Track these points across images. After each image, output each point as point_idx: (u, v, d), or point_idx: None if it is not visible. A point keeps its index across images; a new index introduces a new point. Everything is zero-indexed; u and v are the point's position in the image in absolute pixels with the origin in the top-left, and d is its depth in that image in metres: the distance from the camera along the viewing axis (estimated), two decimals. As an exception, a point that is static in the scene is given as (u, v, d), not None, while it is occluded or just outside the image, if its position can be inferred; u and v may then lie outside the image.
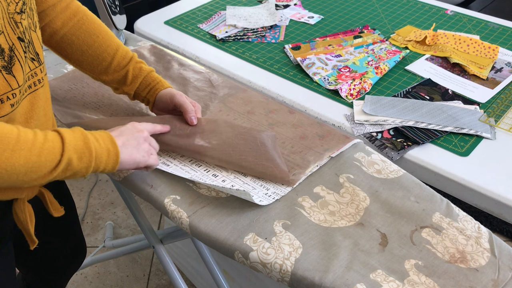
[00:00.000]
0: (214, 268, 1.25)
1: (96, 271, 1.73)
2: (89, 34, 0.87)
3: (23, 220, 0.77)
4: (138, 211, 1.04)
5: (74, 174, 0.67)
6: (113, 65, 0.89)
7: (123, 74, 0.90)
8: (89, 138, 0.67)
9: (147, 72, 0.91)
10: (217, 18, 1.47)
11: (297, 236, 0.70)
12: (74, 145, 0.65)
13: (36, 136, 0.62)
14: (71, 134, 0.66)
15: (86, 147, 0.66)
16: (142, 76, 0.90)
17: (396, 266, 0.66)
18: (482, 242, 0.69)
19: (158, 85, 0.91)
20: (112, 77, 0.90)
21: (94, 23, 0.88)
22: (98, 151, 0.68)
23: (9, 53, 0.63)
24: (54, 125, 0.81)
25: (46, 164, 0.62)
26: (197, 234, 0.72)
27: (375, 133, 1.00)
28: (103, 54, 0.88)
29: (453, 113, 1.04)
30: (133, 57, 0.91)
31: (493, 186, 0.89)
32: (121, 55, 0.89)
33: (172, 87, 0.92)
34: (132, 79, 0.90)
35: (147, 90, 0.91)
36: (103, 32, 0.89)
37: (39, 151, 0.61)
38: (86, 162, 0.66)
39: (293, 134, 0.90)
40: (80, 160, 0.66)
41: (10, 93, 0.64)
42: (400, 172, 0.82)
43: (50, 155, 0.63)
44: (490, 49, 1.26)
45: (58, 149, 0.63)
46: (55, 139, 0.64)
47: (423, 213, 0.74)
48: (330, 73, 1.19)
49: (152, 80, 0.91)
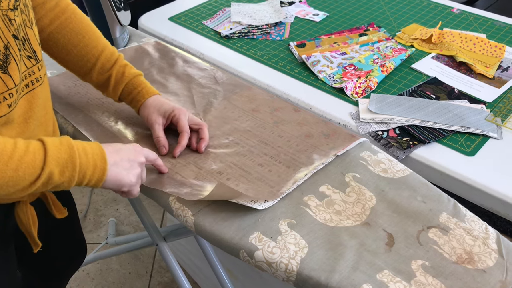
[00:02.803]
0: (217, 266, 1.25)
1: (98, 268, 1.72)
2: (75, 33, 0.84)
3: (26, 223, 0.75)
4: (141, 208, 1.03)
5: (56, 187, 0.64)
6: (97, 67, 0.86)
7: (106, 78, 0.87)
8: (75, 150, 0.64)
9: (130, 78, 0.87)
10: (221, 14, 1.47)
11: (303, 235, 0.69)
12: (57, 158, 0.62)
13: (16, 148, 0.59)
14: (57, 146, 0.63)
15: (70, 160, 0.63)
16: (124, 82, 0.86)
17: (403, 267, 0.65)
18: (490, 243, 0.69)
19: (139, 95, 0.86)
20: (96, 80, 0.87)
21: (81, 23, 0.85)
22: (83, 165, 0.64)
23: (4, 51, 0.61)
24: (54, 123, 0.79)
25: (24, 178, 0.59)
26: (202, 232, 0.72)
27: (381, 131, 0.99)
28: (88, 55, 0.85)
29: (459, 112, 1.03)
30: (117, 60, 0.87)
31: (500, 186, 0.88)
32: (105, 57, 0.86)
33: (158, 93, 0.88)
34: (114, 84, 0.87)
35: (129, 99, 0.88)
36: (90, 32, 0.86)
37: (16, 165, 0.58)
38: (68, 176, 0.63)
39: (298, 133, 0.89)
40: (61, 174, 0.63)
41: (6, 93, 0.62)
42: (407, 172, 0.81)
43: (29, 169, 0.59)
44: (496, 48, 1.25)
45: (39, 162, 0.60)
46: (37, 151, 0.61)
47: (430, 213, 0.73)
48: (335, 71, 1.18)
49: (134, 88, 0.87)
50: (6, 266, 0.82)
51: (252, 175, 0.80)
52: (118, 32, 1.19)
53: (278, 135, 0.89)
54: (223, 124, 0.92)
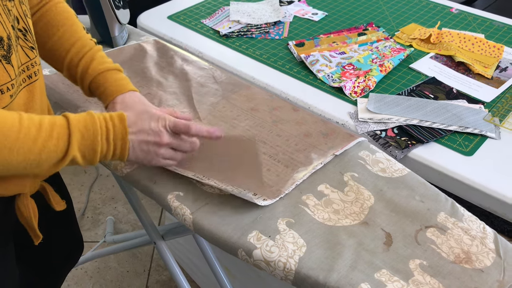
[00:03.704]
0: (215, 265, 1.25)
1: (96, 266, 1.73)
2: (51, 25, 0.80)
3: (27, 215, 0.76)
4: (139, 206, 1.04)
5: (78, 164, 0.66)
6: (66, 61, 0.80)
7: (74, 73, 0.81)
8: (98, 134, 0.65)
9: (95, 74, 0.79)
10: (220, 13, 1.47)
11: (301, 234, 0.69)
12: (80, 145, 0.63)
13: (40, 132, 0.60)
14: (81, 131, 0.63)
15: (92, 147, 0.65)
16: (88, 79, 0.79)
17: (401, 266, 0.65)
18: (487, 242, 0.69)
19: (103, 96, 0.79)
20: (68, 76, 0.83)
21: (59, 15, 0.81)
22: (104, 150, 0.66)
23: (7, 41, 0.61)
24: (49, 108, 0.80)
25: (47, 161, 0.61)
26: (200, 231, 0.72)
27: (379, 131, 0.99)
28: (61, 48, 0.80)
29: (457, 112, 1.03)
30: (86, 54, 0.80)
31: (497, 186, 0.88)
32: (75, 50, 0.79)
33: (134, 90, 0.80)
34: (80, 82, 0.81)
35: (98, 96, 0.81)
36: (67, 24, 0.81)
37: (40, 149, 0.59)
38: (90, 160, 0.66)
39: (297, 132, 0.89)
40: (83, 158, 0.65)
41: (9, 83, 0.62)
42: (405, 171, 0.81)
43: (52, 153, 0.61)
44: (495, 48, 1.26)
45: (62, 147, 0.62)
46: (61, 136, 0.62)
47: (428, 213, 0.74)
48: (334, 70, 1.18)
49: (98, 87, 0.79)
50: (5, 263, 0.82)
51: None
52: (117, 30, 1.19)
53: (277, 134, 0.89)
54: (222, 123, 0.92)
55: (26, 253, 0.94)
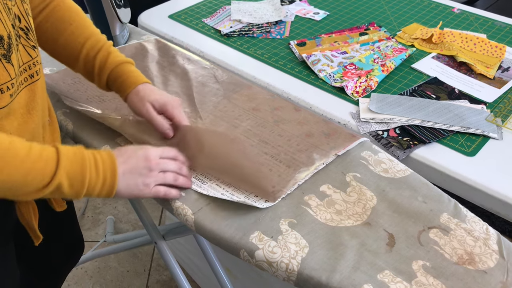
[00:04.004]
0: (216, 265, 1.25)
1: (96, 266, 1.72)
2: (62, 21, 0.82)
3: (27, 216, 0.76)
4: (139, 206, 1.03)
5: (63, 196, 0.64)
6: (83, 55, 0.82)
7: (91, 66, 0.83)
8: (87, 164, 0.64)
9: (114, 65, 0.82)
10: (221, 12, 1.46)
11: (304, 235, 0.69)
12: (68, 171, 0.62)
13: (30, 153, 0.59)
14: (70, 158, 0.63)
15: (80, 174, 0.63)
16: (107, 70, 0.82)
17: (404, 267, 0.65)
18: (491, 243, 0.69)
19: (124, 85, 0.82)
20: (83, 70, 0.85)
21: (69, 11, 0.83)
22: (93, 180, 0.65)
23: (8, 40, 0.61)
24: (50, 107, 0.80)
25: (33, 184, 0.60)
26: (202, 231, 0.72)
27: (381, 131, 0.99)
28: (74, 42, 0.82)
29: (459, 112, 1.03)
30: (102, 47, 0.83)
31: (500, 186, 0.88)
32: (91, 44, 0.82)
33: (148, 81, 0.84)
34: (98, 72, 0.83)
35: (116, 88, 0.84)
36: (77, 19, 0.83)
37: (27, 170, 0.59)
38: (77, 190, 0.64)
39: (299, 132, 0.89)
40: (71, 187, 0.63)
41: (9, 83, 0.62)
42: (408, 172, 0.81)
43: (38, 176, 0.60)
44: (497, 48, 1.25)
45: (49, 171, 0.61)
46: (50, 160, 0.61)
47: (431, 214, 0.73)
48: (335, 70, 1.18)
49: (118, 76, 0.82)
50: (6, 263, 0.82)
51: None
52: (118, 29, 1.18)
53: (279, 134, 0.88)
54: (223, 123, 0.92)
55: (26, 253, 0.94)
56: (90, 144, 0.87)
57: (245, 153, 0.82)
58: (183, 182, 0.75)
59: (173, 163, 0.75)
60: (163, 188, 0.73)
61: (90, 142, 0.87)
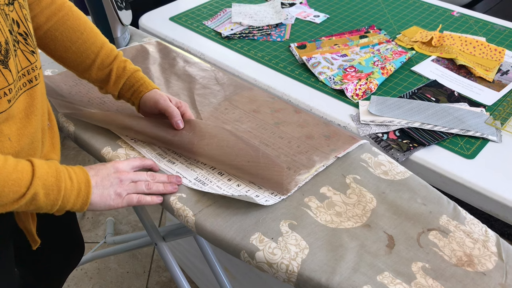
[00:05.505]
0: (216, 266, 1.25)
1: (96, 267, 1.72)
2: (73, 30, 0.84)
3: (25, 220, 0.76)
4: (140, 207, 1.03)
5: (39, 208, 0.65)
6: (97, 63, 0.86)
7: (107, 73, 0.87)
8: (62, 175, 0.66)
9: (131, 72, 0.88)
10: (222, 15, 1.47)
11: (304, 236, 0.69)
12: (44, 180, 0.63)
13: (5, 166, 0.60)
14: (45, 169, 0.64)
15: (56, 184, 0.65)
16: (125, 76, 0.87)
17: (403, 269, 0.66)
18: (490, 245, 0.69)
19: (141, 87, 0.87)
20: (96, 76, 0.88)
21: (79, 20, 0.85)
22: (68, 190, 0.66)
23: (5, 46, 0.61)
24: (50, 111, 0.80)
25: (8, 195, 0.60)
26: (203, 233, 0.72)
27: (381, 134, 1.00)
28: (87, 51, 0.85)
29: (459, 115, 1.03)
30: (117, 56, 0.88)
31: (499, 189, 0.89)
32: (105, 53, 0.86)
33: (158, 88, 0.89)
34: (115, 79, 0.87)
35: (131, 92, 0.88)
36: (88, 29, 0.86)
37: (2, 182, 0.59)
38: (53, 200, 0.65)
39: (299, 134, 0.90)
40: (46, 197, 0.64)
41: (6, 88, 0.62)
42: (407, 174, 0.81)
43: (14, 187, 0.61)
44: (496, 51, 1.26)
45: (25, 181, 0.62)
46: (25, 171, 0.62)
47: (430, 216, 0.74)
48: (335, 72, 1.19)
49: (136, 81, 0.87)
50: (5, 265, 0.82)
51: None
52: (119, 31, 1.19)
53: (279, 136, 0.89)
54: (224, 125, 0.92)
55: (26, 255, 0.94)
56: (91, 146, 0.87)
57: (257, 149, 0.82)
58: (157, 189, 0.76)
59: (144, 173, 0.77)
60: (136, 196, 0.74)
61: (92, 143, 0.88)
